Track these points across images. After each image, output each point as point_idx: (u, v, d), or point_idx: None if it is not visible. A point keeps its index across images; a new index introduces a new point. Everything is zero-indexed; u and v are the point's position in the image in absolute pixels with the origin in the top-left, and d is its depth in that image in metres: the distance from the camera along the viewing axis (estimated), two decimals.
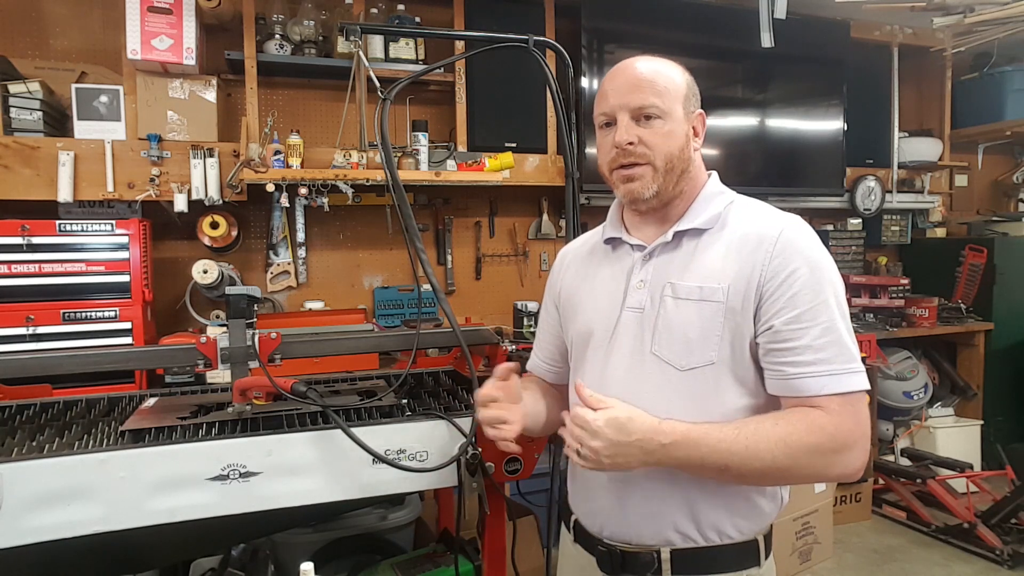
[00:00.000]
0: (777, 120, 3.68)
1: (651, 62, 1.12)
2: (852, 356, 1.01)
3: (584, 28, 3.23)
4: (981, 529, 3.06)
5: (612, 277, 1.19)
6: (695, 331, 1.05)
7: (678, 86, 1.11)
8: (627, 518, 1.12)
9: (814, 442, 0.97)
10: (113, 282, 2.43)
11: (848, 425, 0.99)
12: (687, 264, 1.10)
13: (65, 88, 2.65)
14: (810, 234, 1.07)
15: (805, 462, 0.98)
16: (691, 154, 1.13)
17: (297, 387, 1.41)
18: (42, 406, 1.67)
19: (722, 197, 1.15)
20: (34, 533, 1.22)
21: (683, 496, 1.08)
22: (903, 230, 4.29)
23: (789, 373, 1.01)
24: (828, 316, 1.00)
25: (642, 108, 1.08)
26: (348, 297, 3.22)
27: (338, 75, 2.95)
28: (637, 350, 1.10)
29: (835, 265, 1.06)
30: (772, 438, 0.98)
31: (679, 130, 1.10)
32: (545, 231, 3.52)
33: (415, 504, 2.41)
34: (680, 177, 1.12)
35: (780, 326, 1.01)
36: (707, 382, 1.05)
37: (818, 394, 0.99)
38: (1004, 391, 4.05)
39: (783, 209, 1.13)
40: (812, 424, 0.98)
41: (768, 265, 1.03)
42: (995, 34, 3.35)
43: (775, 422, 0.99)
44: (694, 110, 1.13)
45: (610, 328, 1.14)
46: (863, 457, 1.01)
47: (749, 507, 1.10)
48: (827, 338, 0.99)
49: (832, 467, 1.00)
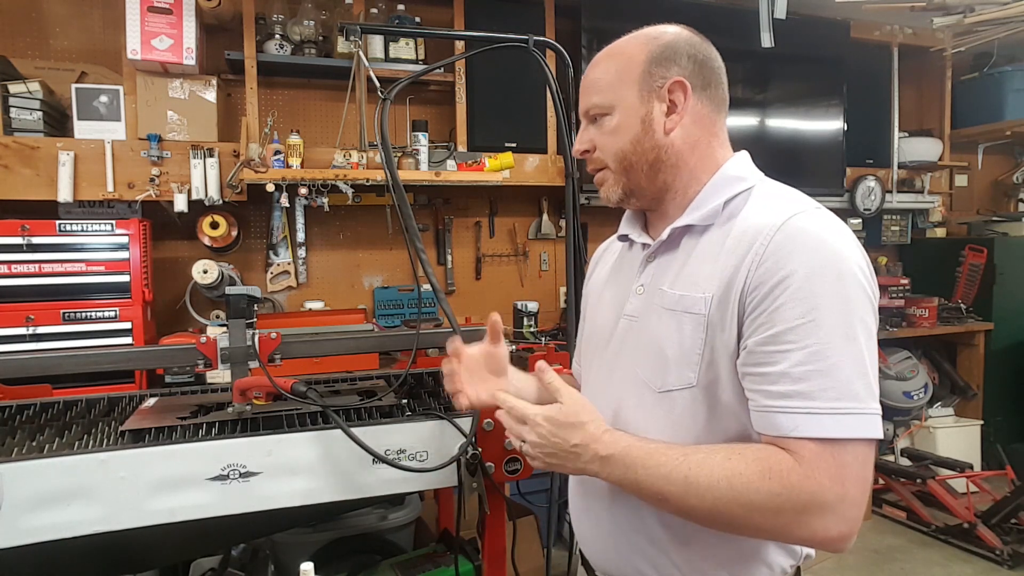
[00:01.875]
0: (777, 120, 3.69)
1: (608, 48, 0.99)
2: (849, 393, 0.77)
3: (584, 28, 3.23)
4: (981, 529, 3.06)
5: (620, 279, 1.07)
6: (673, 348, 0.89)
7: (628, 66, 0.94)
8: (600, 546, 1.01)
9: (767, 491, 0.77)
10: (113, 282, 2.43)
11: (820, 480, 0.76)
12: (681, 268, 0.93)
13: (65, 88, 2.65)
14: (829, 230, 0.83)
15: (755, 514, 0.78)
16: (659, 140, 0.93)
17: (297, 387, 1.42)
18: (42, 406, 1.67)
19: (736, 183, 0.94)
20: (34, 533, 1.22)
21: (644, 528, 0.94)
22: (903, 230, 4.29)
23: (762, 405, 0.81)
24: (820, 338, 0.78)
25: (588, 111, 0.98)
26: (348, 297, 3.22)
27: (338, 75, 2.95)
28: (623, 363, 0.98)
29: (864, 274, 0.82)
30: (717, 474, 0.79)
31: (630, 120, 0.93)
32: (545, 231, 3.52)
33: (415, 504, 2.41)
34: (652, 170, 0.95)
35: (754, 346, 0.81)
36: (686, 407, 0.88)
37: (788, 435, 0.78)
38: (1004, 391, 4.05)
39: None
40: (769, 470, 0.78)
41: (756, 269, 0.82)
42: (995, 34, 3.35)
43: (728, 456, 0.81)
44: (662, 83, 0.92)
45: (606, 336, 1.03)
46: (844, 525, 0.77)
47: (750, 563, 0.91)
48: (811, 366, 0.77)
49: (796, 529, 0.78)
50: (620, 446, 0.86)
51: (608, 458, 0.86)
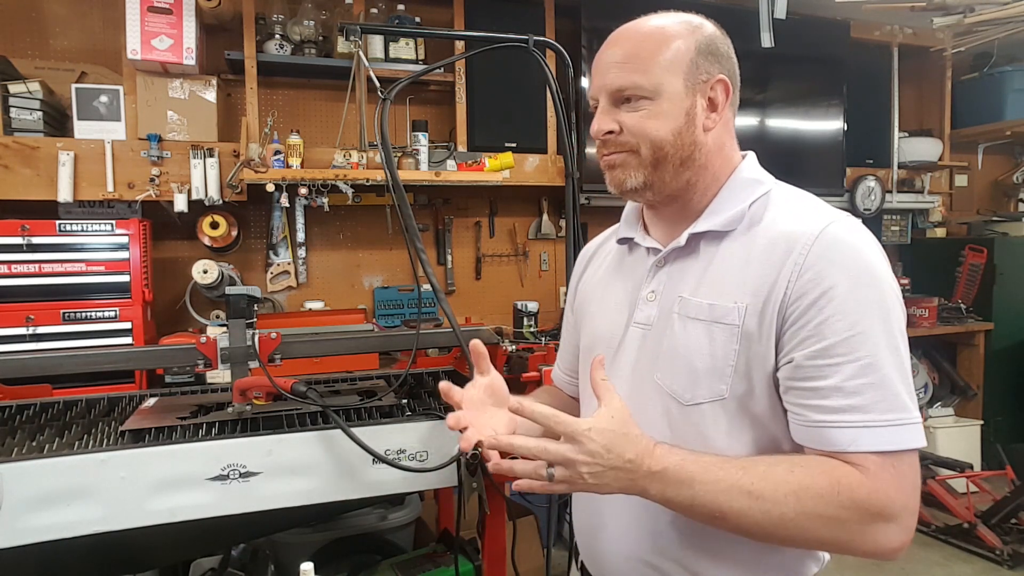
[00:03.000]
0: (777, 120, 3.69)
1: (643, 25, 0.92)
2: (900, 404, 0.77)
3: (584, 28, 3.22)
4: (981, 529, 3.06)
5: (624, 284, 1.01)
6: (703, 360, 0.86)
7: (677, 52, 0.89)
8: (611, 562, 0.96)
9: (836, 505, 0.76)
10: (113, 282, 2.43)
11: (888, 491, 0.76)
12: (702, 275, 0.89)
13: (65, 88, 2.65)
14: (864, 240, 0.83)
15: (822, 528, 0.77)
16: (698, 136, 0.90)
17: (297, 387, 1.41)
18: (42, 406, 1.67)
19: (755, 187, 0.92)
20: (34, 533, 1.22)
21: (666, 544, 0.90)
22: (903, 230, 4.29)
23: (813, 420, 0.80)
24: (870, 350, 0.77)
25: (621, 90, 0.89)
26: (348, 297, 3.22)
27: (338, 75, 2.95)
28: (639, 374, 0.93)
29: (895, 283, 0.82)
30: (783, 489, 0.77)
31: (675, 109, 0.88)
32: (545, 231, 3.52)
33: (415, 504, 2.41)
34: (682, 166, 0.90)
35: (802, 360, 0.80)
36: (717, 421, 0.86)
37: (847, 450, 0.77)
38: (1004, 391, 4.05)
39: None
40: (837, 483, 0.76)
41: (797, 280, 0.81)
42: (995, 34, 3.35)
43: (791, 468, 0.78)
44: (708, 77, 0.90)
45: (614, 345, 0.98)
46: (904, 534, 0.78)
47: (776, 568, 0.89)
48: (865, 379, 0.77)
49: (860, 541, 0.77)
50: (674, 459, 0.79)
51: (661, 473, 0.79)
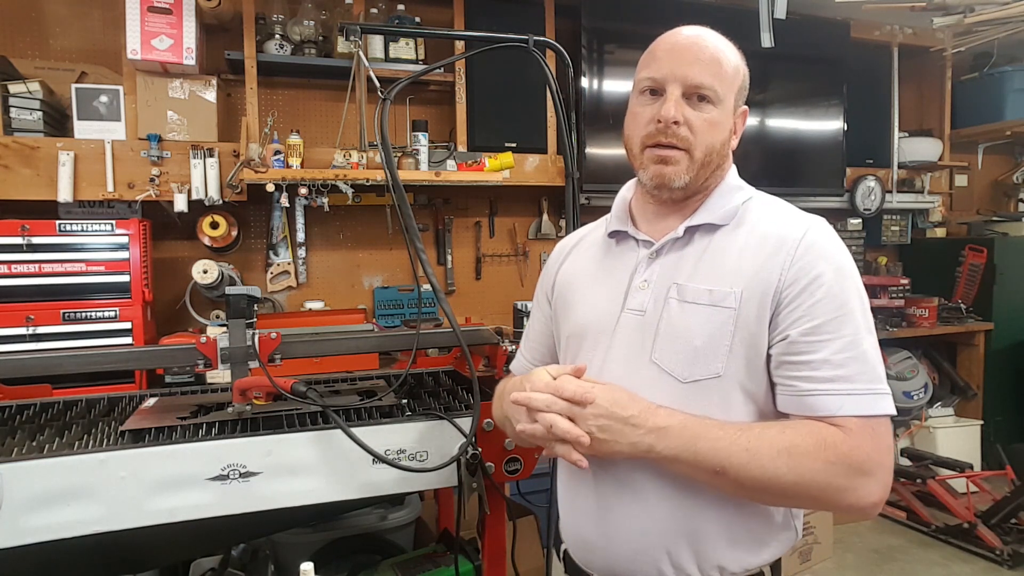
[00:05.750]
0: (777, 120, 3.68)
1: (718, 39, 1.01)
2: (877, 376, 0.90)
3: (584, 28, 3.23)
4: (981, 529, 3.06)
5: (613, 274, 1.08)
6: (701, 339, 0.94)
7: (737, 75, 1.01)
8: (615, 548, 1.00)
9: (823, 460, 0.86)
10: (113, 282, 2.43)
11: (866, 448, 0.87)
12: (697, 264, 1.00)
13: (65, 88, 2.65)
14: (836, 238, 0.98)
15: (811, 481, 0.87)
16: (727, 152, 1.04)
17: (297, 387, 1.41)
18: (42, 406, 1.67)
19: (740, 192, 1.05)
20: (34, 533, 1.22)
21: (677, 525, 0.96)
22: (903, 230, 4.29)
23: (803, 389, 0.91)
24: (853, 329, 0.90)
25: (700, 87, 0.97)
26: (348, 297, 3.22)
27: (338, 75, 2.95)
28: (635, 356, 1.00)
29: (860, 275, 0.97)
30: (776, 446, 0.87)
31: (726, 122, 1.00)
32: (545, 231, 3.52)
33: (415, 504, 2.41)
34: (710, 174, 1.02)
35: (796, 336, 0.91)
36: (711, 396, 0.94)
37: (834, 414, 0.89)
38: (1004, 391, 4.05)
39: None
40: (824, 440, 0.87)
41: (789, 269, 0.93)
42: (995, 34, 3.35)
43: (781, 430, 0.89)
44: (740, 104, 1.04)
45: (607, 330, 1.04)
46: (882, 490, 0.89)
47: (755, 539, 0.98)
48: (849, 353, 0.89)
49: (844, 494, 0.88)
50: (677, 418, 0.91)
51: (666, 429, 0.89)
